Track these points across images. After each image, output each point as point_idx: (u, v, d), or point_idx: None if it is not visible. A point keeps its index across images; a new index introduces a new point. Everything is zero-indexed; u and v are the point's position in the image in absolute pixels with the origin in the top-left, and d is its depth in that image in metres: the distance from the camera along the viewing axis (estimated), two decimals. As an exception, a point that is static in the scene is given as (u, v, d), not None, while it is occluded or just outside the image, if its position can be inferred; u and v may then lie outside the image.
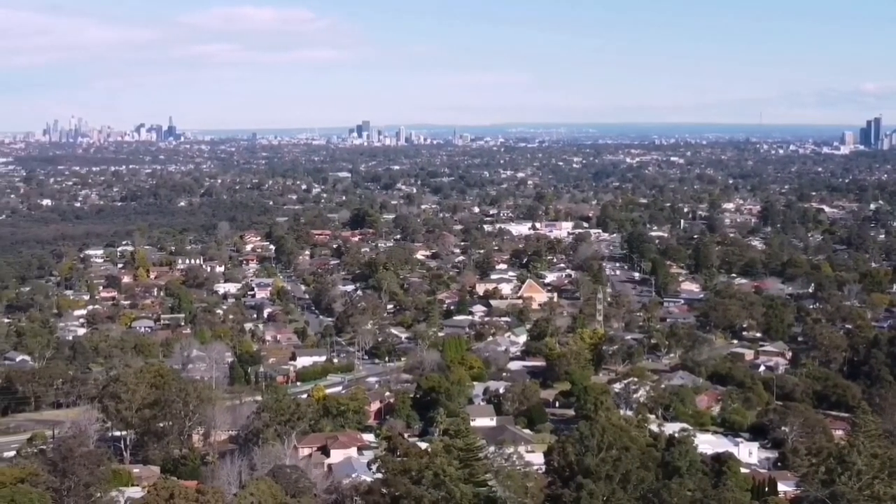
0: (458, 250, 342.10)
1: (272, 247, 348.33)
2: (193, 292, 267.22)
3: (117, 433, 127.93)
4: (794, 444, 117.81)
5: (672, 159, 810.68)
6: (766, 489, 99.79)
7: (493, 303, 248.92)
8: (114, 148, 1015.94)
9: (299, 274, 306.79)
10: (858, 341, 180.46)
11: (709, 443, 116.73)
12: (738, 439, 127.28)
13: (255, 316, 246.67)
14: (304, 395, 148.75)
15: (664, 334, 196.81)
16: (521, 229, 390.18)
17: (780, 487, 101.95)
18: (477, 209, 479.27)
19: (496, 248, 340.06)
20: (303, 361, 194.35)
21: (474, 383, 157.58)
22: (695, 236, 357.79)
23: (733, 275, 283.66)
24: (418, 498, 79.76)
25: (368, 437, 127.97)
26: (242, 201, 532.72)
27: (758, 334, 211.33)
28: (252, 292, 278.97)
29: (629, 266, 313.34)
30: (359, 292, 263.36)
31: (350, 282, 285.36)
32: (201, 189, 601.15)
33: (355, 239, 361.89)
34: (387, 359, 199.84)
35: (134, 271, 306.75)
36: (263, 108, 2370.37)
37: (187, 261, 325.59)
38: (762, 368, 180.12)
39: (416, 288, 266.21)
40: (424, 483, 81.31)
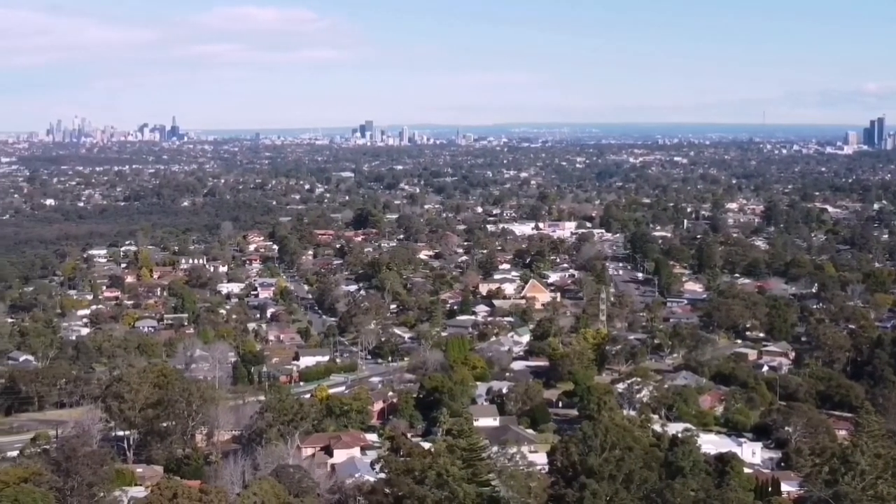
0: (461, 250, 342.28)
1: (275, 247, 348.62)
2: (197, 292, 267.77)
3: (121, 433, 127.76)
4: (798, 444, 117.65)
5: (675, 159, 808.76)
6: (770, 489, 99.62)
7: (496, 303, 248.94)
8: (117, 148, 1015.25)
9: (302, 274, 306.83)
10: (862, 341, 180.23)
11: (712, 443, 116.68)
12: (742, 439, 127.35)
13: (258, 316, 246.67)
14: (308, 395, 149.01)
15: (667, 334, 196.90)
16: (524, 229, 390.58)
17: (784, 487, 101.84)
18: (480, 209, 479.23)
19: (499, 248, 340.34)
20: (306, 361, 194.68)
21: (477, 383, 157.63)
22: (698, 236, 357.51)
23: (737, 275, 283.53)
24: (421, 498, 79.66)
25: (371, 437, 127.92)
26: (246, 201, 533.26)
27: (761, 334, 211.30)
28: (255, 292, 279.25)
29: (632, 266, 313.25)
30: (362, 292, 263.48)
31: (353, 282, 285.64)
32: (204, 189, 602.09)
33: (358, 239, 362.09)
34: (390, 359, 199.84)
35: (137, 271, 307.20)
36: (266, 108, 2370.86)
37: (190, 261, 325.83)
38: (765, 368, 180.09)
39: (420, 288, 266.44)
40: (427, 483, 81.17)
